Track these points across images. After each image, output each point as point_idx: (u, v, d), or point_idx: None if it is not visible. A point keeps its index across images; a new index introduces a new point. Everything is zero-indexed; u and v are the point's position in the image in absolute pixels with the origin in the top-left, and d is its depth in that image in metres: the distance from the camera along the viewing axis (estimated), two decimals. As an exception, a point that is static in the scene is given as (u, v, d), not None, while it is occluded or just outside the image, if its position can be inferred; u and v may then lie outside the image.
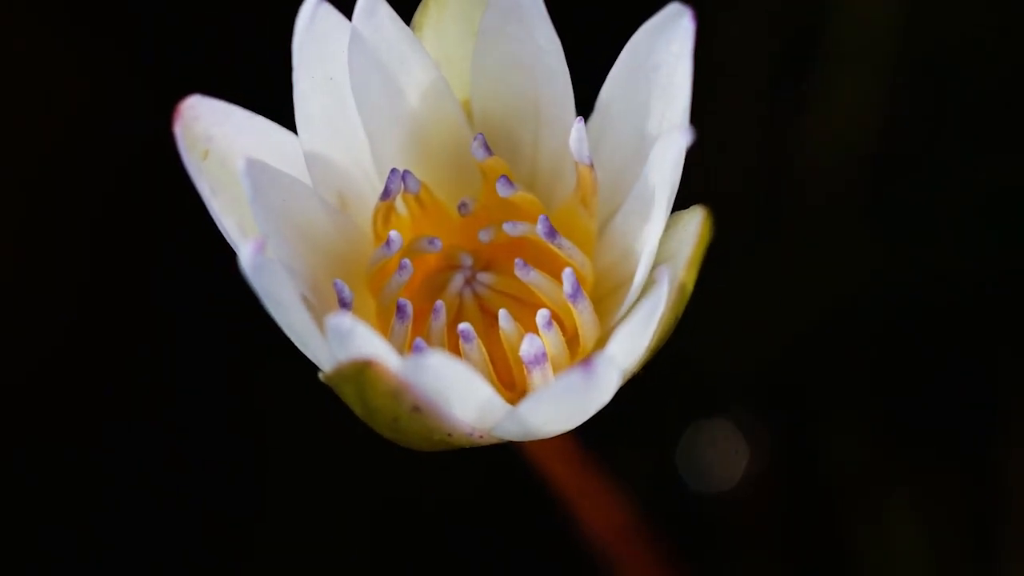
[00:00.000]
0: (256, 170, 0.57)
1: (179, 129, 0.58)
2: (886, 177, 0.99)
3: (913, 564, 0.95)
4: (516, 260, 0.60)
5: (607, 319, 0.61)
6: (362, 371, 0.54)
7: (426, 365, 0.53)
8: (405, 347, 0.60)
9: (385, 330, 0.61)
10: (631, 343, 0.55)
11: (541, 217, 0.60)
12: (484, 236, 0.63)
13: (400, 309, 0.59)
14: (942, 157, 0.98)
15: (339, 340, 0.54)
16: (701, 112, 0.59)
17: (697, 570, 0.96)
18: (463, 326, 0.59)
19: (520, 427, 0.56)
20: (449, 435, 0.56)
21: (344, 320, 0.53)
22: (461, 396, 0.55)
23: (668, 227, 0.59)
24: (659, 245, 0.59)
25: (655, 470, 0.97)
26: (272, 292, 0.54)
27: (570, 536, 0.87)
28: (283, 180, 0.59)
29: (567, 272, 0.59)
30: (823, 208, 0.99)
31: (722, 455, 0.98)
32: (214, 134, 0.59)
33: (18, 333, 0.99)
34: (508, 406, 0.56)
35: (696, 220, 0.58)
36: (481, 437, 0.57)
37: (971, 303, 0.97)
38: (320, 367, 0.57)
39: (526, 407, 0.55)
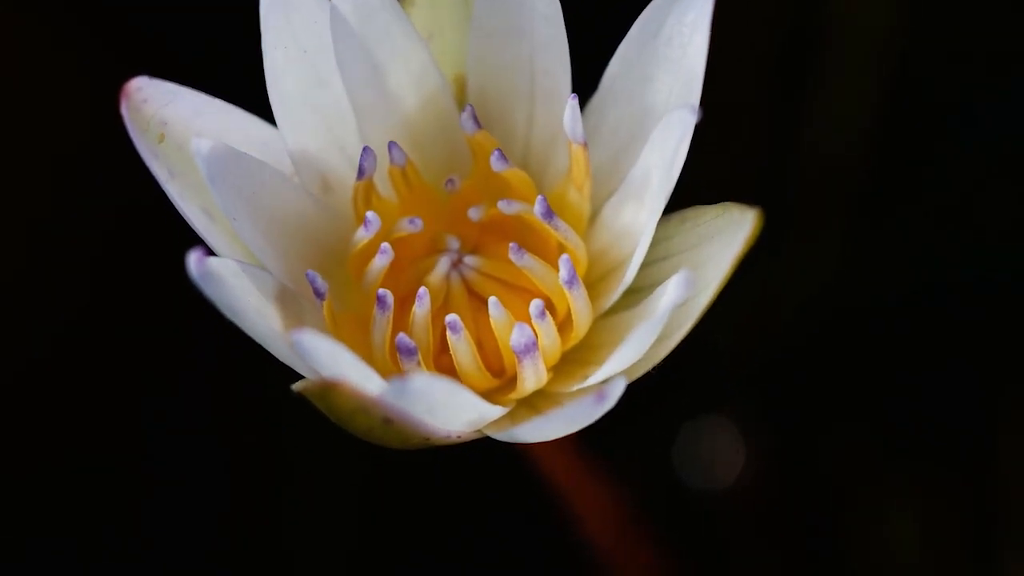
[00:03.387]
0: (216, 152, 0.55)
1: (126, 111, 0.57)
2: (886, 175, 0.97)
3: (912, 564, 0.94)
4: (511, 244, 0.58)
5: (598, 303, 0.59)
6: (328, 391, 0.52)
7: (410, 390, 0.51)
8: (387, 340, 0.58)
9: (368, 317, 0.58)
10: (635, 352, 0.54)
11: (539, 197, 0.58)
12: (474, 214, 0.60)
13: (380, 300, 0.57)
14: (943, 154, 0.97)
15: (307, 356, 0.52)
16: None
17: (694, 567, 0.95)
18: (450, 318, 0.57)
19: (515, 439, 0.55)
20: (427, 439, 0.54)
21: (304, 337, 0.51)
22: (450, 411, 0.53)
23: (688, 219, 0.58)
24: (678, 236, 0.58)
25: (653, 467, 0.96)
26: (224, 300, 0.52)
27: (568, 533, 0.85)
28: (249, 163, 0.57)
29: (564, 259, 0.57)
30: (823, 207, 0.97)
31: (721, 453, 0.97)
32: (168, 116, 0.57)
33: (25, 325, 0.98)
34: (503, 411, 0.55)
35: (742, 231, 0.55)
36: (459, 437, 0.55)
37: (971, 303, 0.96)
38: (291, 367, 0.55)
39: (528, 427, 0.54)
